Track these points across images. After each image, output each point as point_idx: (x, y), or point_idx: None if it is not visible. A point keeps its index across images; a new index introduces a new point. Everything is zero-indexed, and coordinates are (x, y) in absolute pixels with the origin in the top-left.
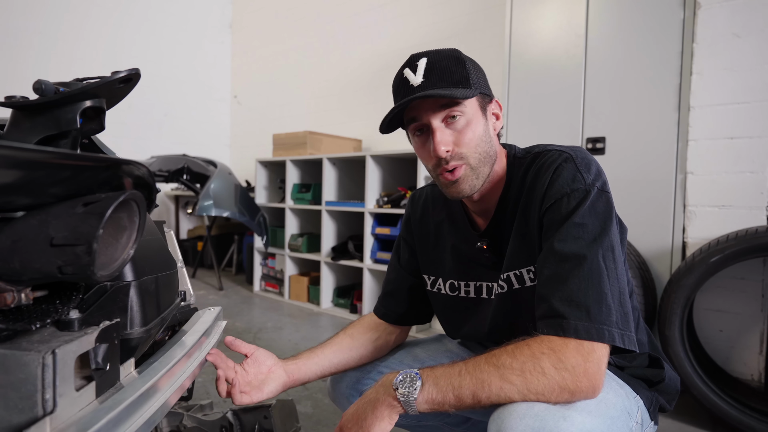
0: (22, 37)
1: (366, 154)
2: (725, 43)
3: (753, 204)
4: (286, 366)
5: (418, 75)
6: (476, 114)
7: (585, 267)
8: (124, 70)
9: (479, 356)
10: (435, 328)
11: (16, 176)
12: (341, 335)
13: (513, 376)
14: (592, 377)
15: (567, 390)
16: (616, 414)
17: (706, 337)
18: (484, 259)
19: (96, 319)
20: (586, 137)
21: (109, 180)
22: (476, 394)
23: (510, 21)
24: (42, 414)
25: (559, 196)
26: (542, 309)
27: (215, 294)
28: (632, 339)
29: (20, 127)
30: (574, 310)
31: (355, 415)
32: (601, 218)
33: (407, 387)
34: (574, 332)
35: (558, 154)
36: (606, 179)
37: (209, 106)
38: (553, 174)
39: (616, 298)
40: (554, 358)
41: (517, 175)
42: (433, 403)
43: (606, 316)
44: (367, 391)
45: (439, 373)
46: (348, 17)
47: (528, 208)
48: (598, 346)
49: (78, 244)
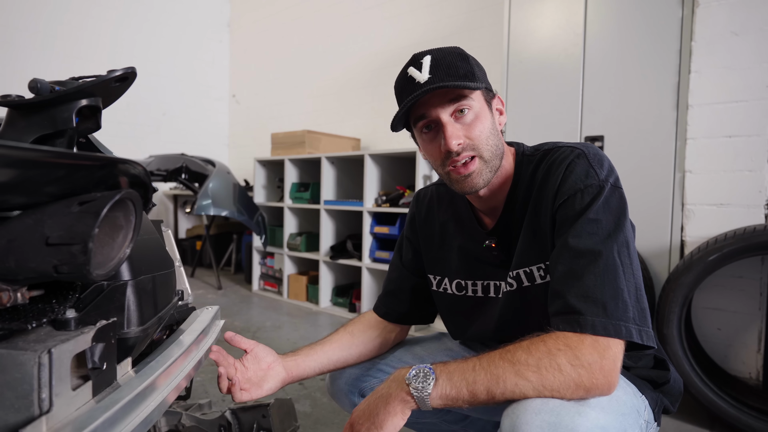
0: (20, 36)
1: (364, 153)
2: (723, 41)
3: (751, 202)
4: (285, 362)
5: (424, 72)
6: (483, 108)
7: (600, 263)
8: (120, 69)
9: (493, 352)
10: (434, 326)
11: (11, 175)
12: (341, 332)
13: (528, 372)
14: (608, 374)
15: (582, 387)
16: (627, 411)
17: (705, 336)
18: (492, 257)
19: (92, 318)
20: (584, 136)
21: (105, 179)
22: (491, 390)
23: (508, 20)
24: (38, 413)
25: (572, 192)
26: (557, 305)
27: (214, 293)
28: (650, 335)
29: (16, 126)
30: (591, 306)
31: (367, 410)
32: (615, 214)
33: (421, 382)
34: (591, 328)
35: (570, 150)
36: (618, 175)
37: (207, 106)
38: (566, 170)
39: (633, 293)
40: (570, 354)
41: (527, 172)
42: (447, 399)
43: (623, 312)
44: (379, 386)
45: (453, 369)
46: (346, 16)
47: (539, 205)
48: (614, 342)
49: (74, 244)
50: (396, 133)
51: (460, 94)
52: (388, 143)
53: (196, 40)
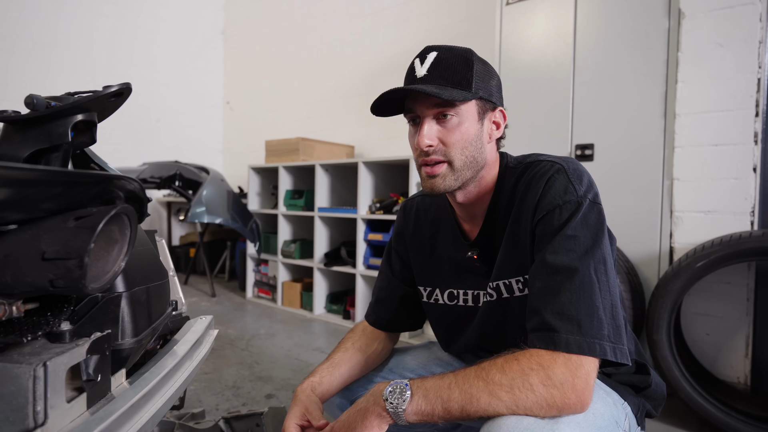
0: (15, 45)
1: (358, 161)
2: (709, 52)
3: (738, 209)
4: (321, 403)
5: (423, 67)
6: (470, 117)
7: (576, 280)
8: (116, 85)
9: (469, 368)
10: (428, 334)
11: (8, 194)
12: (351, 352)
13: (502, 392)
14: (580, 393)
15: (555, 407)
16: (603, 424)
17: (694, 341)
18: (476, 268)
19: (87, 330)
20: (575, 144)
21: (101, 194)
22: (465, 408)
23: (500, 29)
24: (33, 426)
25: (551, 207)
26: (534, 322)
27: (208, 300)
28: (624, 352)
29: (11, 141)
30: (566, 324)
31: (346, 423)
32: (593, 230)
33: (396, 398)
34: (565, 346)
35: (550, 164)
36: (597, 191)
37: (201, 113)
38: (545, 185)
39: (608, 311)
40: (543, 374)
41: (508, 184)
42: (422, 415)
43: (597, 330)
44: (358, 400)
45: (429, 386)
46: (340, 24)
47: (519, 219)
48: (586, 360)
49: (69, 258)
50: (390, 140)
51: (446, 101)
52: (382, 151)
53: (191, 47)
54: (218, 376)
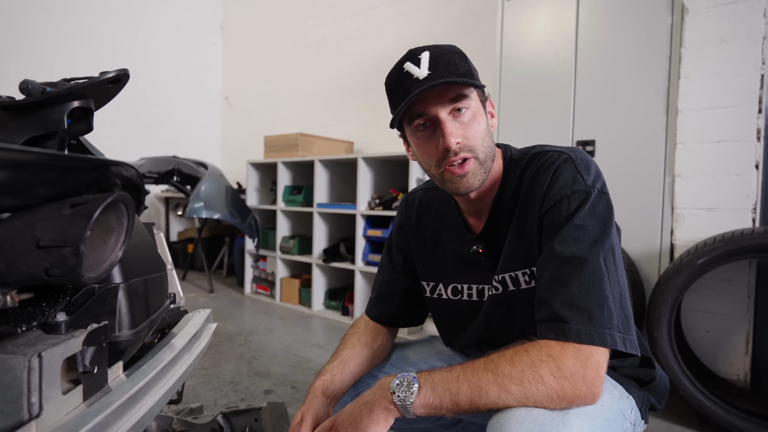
0: (14, 38)
1: (357, 156)
2: (712, 48)
3: (739, 206)
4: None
5: (422, 68)
6: (479, 108)
7: (586, 270)
8: (113, 71)
9: (477, 361)
10: (427, 330)
11: (1, 177)
12: (359, 347)
13: (512, 385)
14: (591, 384)
15: (566, 398)
16: (612, 416)
17: (694, 338)
18: (481, 262)
19: (83, 321)
20: (576, 140)
21: (97, 181)
22: (473, 401)
23: (501, 25)
24: (28, 418)
25: (559, 197)
26: (543, 312)
27: (206, 296)
28: (634, 342)
29: (6, 128)
30: (576, 314)
31: (351, 415)
32: (602, 220)
33: (404, 391)
34: (576, 336)
35: (557, 155)
36: (605, 181)
37: (200, 108)
38: (552, 175)
39: (617, 301)
40: (553, 366)
41: (514, 176)
42: (430, 408)
43: (607, 320)
44: (364, 393)
45: (437, 378)
46: (339, 20)
47: (526, 210)
48: (596, 350)
49: (65, 246)
50: (389, 136)
51: (459, 94)
52: (381, 146)
53: (189, 42)
54: (216, 372)
